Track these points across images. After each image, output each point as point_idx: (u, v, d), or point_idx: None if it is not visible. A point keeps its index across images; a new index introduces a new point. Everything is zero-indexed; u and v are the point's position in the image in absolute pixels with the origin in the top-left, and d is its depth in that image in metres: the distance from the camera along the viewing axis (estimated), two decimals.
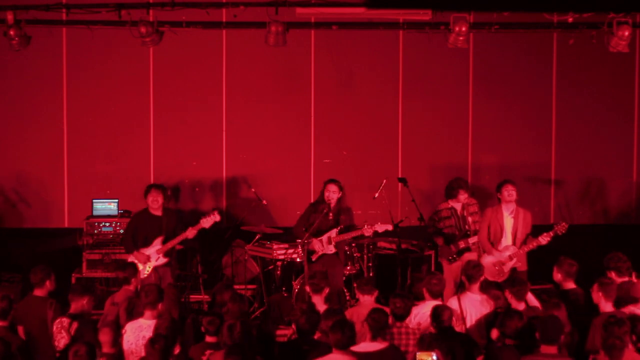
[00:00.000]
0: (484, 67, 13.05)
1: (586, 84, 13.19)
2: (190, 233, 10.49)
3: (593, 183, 13.30)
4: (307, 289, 9.03)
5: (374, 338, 7.65)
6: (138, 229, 10.64)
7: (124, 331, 8.26)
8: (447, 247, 11.06)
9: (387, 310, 8.18)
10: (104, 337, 7.80)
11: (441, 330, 7.95)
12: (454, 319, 8.18)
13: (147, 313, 8.34)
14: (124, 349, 8.15)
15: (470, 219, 10.97)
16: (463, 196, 10.96)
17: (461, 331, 8.38)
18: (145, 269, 10.48)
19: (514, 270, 10.44)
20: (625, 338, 7.34)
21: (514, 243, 10.51)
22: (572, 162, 13.22)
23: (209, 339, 7.94)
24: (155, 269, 10.51)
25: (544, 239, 10.30)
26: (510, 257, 10.43)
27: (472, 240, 10.93)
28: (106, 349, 7.78)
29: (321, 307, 8.59)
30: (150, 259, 10.51)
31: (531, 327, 7.68)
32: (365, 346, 7.64)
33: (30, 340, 8.65)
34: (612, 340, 7.18)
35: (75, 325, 8.25)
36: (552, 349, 7.37)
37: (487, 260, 10.44)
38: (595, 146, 13.24)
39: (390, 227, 10.63)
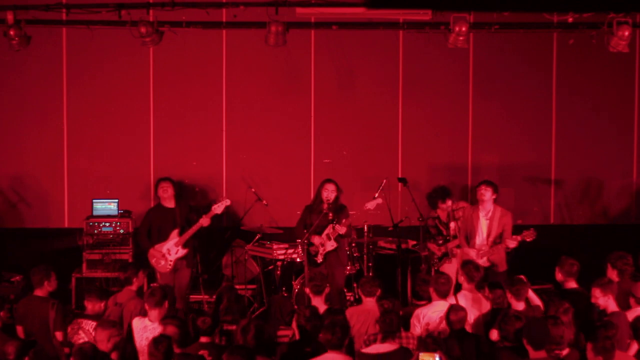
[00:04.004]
0: (484, 67, 13.03)
1: (586, 84, 13.16)
2: (205, 221, 10.68)
3: (593, 183, 13.29)
4: (307, 290, 9.02)
5: (384, 340, 7.63)
6: (152, 223, 10.82)
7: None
8: (431, 252, 11.21)
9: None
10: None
11: (453, 332, 7.97)
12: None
13: (152, 313, 8.36)
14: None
15: (452, 224, 11.05)
16: (443, 206, 11.11)
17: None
18: (167, 264, 10.59)
19: (489, 270, 10.38)
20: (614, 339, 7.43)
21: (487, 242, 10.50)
22: (572, 163, 13.21)
23: (203, 339, 7.95)
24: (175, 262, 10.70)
25: (511, 242, 10.22)
26: (478, 255, 10.37)
27: (451, 245, 11.00)
28: None
29: (322, 307, 8.59)
30: (170, 253, 10.62)
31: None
32: (377, 347, 7.64)
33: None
34: (603, 342, 7.24)
35: (95, 325, 8.30)
36: (541, 354, 7.37)
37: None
38: (595, 146, 13.23)
39: (380, 201, 10.65)
